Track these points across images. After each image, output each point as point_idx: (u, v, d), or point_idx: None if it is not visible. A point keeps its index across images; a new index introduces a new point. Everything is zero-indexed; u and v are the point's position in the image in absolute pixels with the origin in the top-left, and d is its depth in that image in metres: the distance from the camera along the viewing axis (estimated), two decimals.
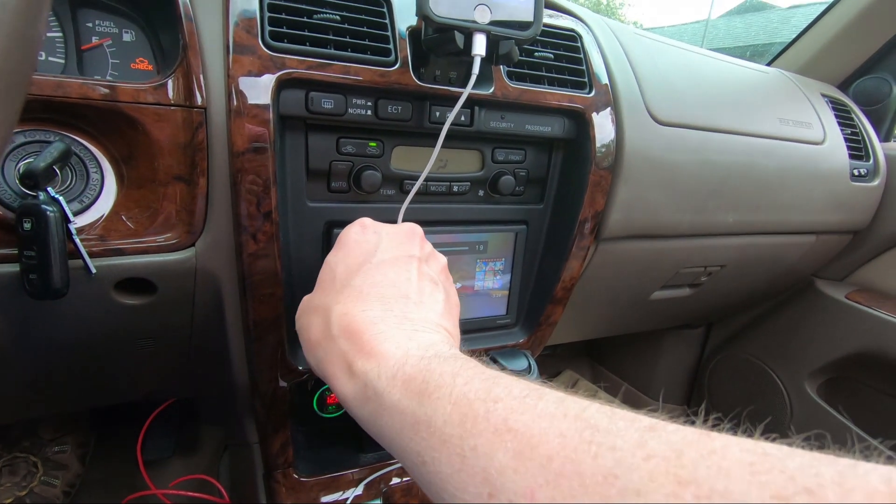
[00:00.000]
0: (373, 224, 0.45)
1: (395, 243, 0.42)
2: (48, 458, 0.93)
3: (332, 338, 0.36)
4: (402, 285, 0.39)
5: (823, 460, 0.18)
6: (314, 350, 0.38)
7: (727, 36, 14.55)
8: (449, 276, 0.46)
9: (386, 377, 0.31)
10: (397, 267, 0.40)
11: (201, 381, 0.74)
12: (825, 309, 1.18)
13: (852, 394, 1.16)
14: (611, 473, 0.21)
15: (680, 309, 1.16)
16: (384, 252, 0.41)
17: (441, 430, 0.27)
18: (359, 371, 0.33)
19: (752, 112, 0.87)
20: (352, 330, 0.35)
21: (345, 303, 0.38)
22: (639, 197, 0.73)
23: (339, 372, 0.35)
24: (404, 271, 0.40)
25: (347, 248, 0.42)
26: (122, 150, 0.48)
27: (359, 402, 0.33)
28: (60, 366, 0.57)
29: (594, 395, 1.61)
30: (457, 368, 0.30)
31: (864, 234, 1.13)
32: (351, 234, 0.44)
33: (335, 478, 0.70)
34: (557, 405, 0.26)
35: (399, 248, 0.42)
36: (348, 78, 0.51)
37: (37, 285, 0.41)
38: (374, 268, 0.40)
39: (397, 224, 0.46)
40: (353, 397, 0.34)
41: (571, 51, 0.66)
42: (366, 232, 0.44)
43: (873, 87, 1.19)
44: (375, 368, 0.32)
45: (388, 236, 0.43)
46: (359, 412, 0.33)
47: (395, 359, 0.32)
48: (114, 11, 0.50)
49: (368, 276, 0.39)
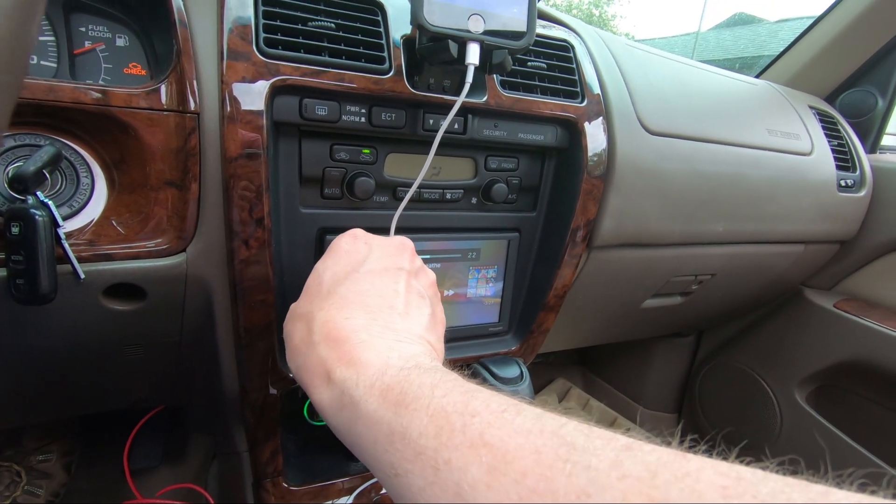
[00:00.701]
0: (364, 235, 0.44)
1: (385, 255, 0.42)
2: (32, 467, 0.91)
3: (313, 344, 0.36)
4: (389, 296, 0.39)
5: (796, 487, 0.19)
6: (295, 356, 0.38)
7: (717, 48, 14.78)
8: (437, 293, 0.46)
9: (364, 386, 0.31)
10: (385, 278, 0.40)
11: (190, 388, 0.73)
12: (814, 318, 1.19)
13: (841, 402, 1.17)
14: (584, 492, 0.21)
15: (671, 317, 1.17)
16: (373, 262, 0.41)
17: (416, 441, 0.27)
18: (337, 378, 0.33)
19: (741, 123, 0.88)
20: (333, 337, 0.35)
21: (328, 309, 0.37)
22: (630, 205, 0.74)
23: (318, 379, 0.34)
24: (392, 282, 0.40)
25: (336, 256, 0.42)
26: (113, 154, 0.48)
27: (334, 410, 0.33)
28: (47, 373, 0.56)
29: (586, 402, 1.61)
30: (436, 380, 0.29)
31: (852, 244, 1.15)
32: (342, 242, 0.43)
33: (325, 487, 0.69)
34: (535, 421, 0.26)
35: (389, 259, 0.42)
36: (342, 85, 0.51)
37: (24, 290, 0.41)
38: (362, 276, 0.40)
39: (389, 237, 0.45)
40: (328, 404, 0.33)
41: (564, 61, 0.67)
42: (357, 242, 0.43)
43: (859, 100, 1.21)
44: (354, 376, 0.32)
45: (378, 248, 0.43)
46: (334, 420, 0.33)
47: (374, 368, 0.32)
48: (107, 16, 0.50)
49: (355, 285, 0.39)
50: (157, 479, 0.94)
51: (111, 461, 0.93)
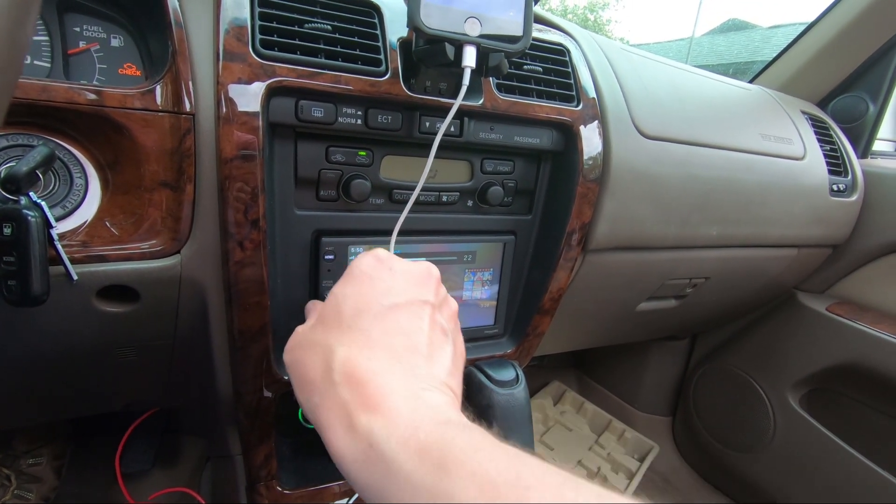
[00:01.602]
0: (388, 258, 0.41)
1: (411, 285, 0.40)
2: (22, 471, 0.90)
3: (333, 383, 0.33)
4: (414, 335, 0.37)
5: None
6: (309, 392, 0.35)
7: (711, 53, 14.90)
8: (457, 323, 0.44)
9: (397, 441, 0.29)
10: (410, 313, 0.38)
11: (184, 391, 0.72)
12: (807, 321, 1.20)
13: (834, 405, 1.18)
14: None
15: (666, 320, 1.17)
16: (398, 294, 0.38)
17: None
18: (362, 427, 0.30)
19: (734, 127, 0.89)
20: (356, 378, 0.33)
21: (350, 346, 0.35)
22: (625, 209, 0.74)
23: (338, 423, 0.32)
24: (417, 319, 0.38)
25: (358, 283, 0.39)
26: (107, 155, 0.47)
27: (359, 464, 0.30)
28: (38, 375, 0.56)
29: (581, 405, 1.61)
30: (475, 441, 0.28)
31: (844, 248, 1.16)
32: (363, 265, 0.40)
33: (320, 490, 0.69)
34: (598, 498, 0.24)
35: (414, 290, 0.39)
36: (339, 87, 0.51)
37: (16, 292, 0.40)
38: (386, 311, 0.37)
39: (414, 262, 0.42)
40: (352, 457, 0.30)
41: (560, 65, 0.67)
42: (380, 267, 0.40)
43: (851, 105, 1.23)
44: (383, 428, 0.30)
45: (403, 276, 0.40)
46: (358, 474, 0.30)
47: (404, 419, 0.30)
48: (102, 16, 0.50)
49: (379, 321, 0.37)
50: (149, 483, 0.93)
51: (102, 465, 0.92)
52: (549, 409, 1.57)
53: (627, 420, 1.56)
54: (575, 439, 1.49)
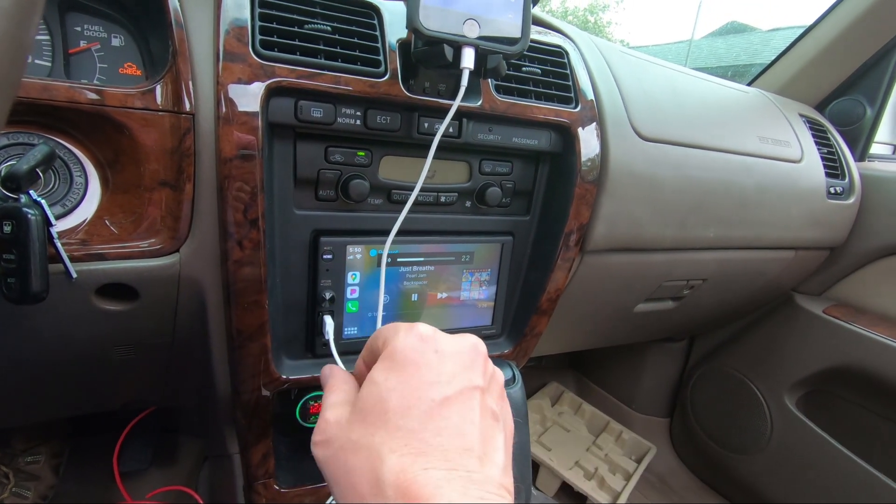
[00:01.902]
0: (433, 337, 0.36)
1: (460, 368, 0.36)
2: (20, 469, 0.90)
3: (385, 497, 0.30)
4: (467, 432, 0.33)
5: None
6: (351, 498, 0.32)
7: (710, 56, 14.92)
8: (505, 398, 0.40)
9: None
10: (461, 406, 0.34)
11: (181, 389, 0.72)
12: (804, 323, 1.20)
13: (830, 407, 1.18)
14: None
15: (663, 322, 1.18)
16: (448, 383, 0.34)
17: None
18: None
19: (733, 130, 0.89)
20: (413, 494, 0.29)
21: (401, 453, 0.31)
22: (623, 210, 0.74)
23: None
24: (469, 411, 0.34)
25: (403, 371, 0.35)
26: (107, 154, 0.48)
27: None
28: (37, 373, 0.56)
29: (578, 406, 1.61)
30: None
31: (841, 251, 1.16)
32: (408, 349, 0.35)
33: (317, 489, 0.69)
34: None
35: (463, 376, 0.35)
36: (338, 88, 0.51)
37: (15, 289, 0.40)
38: (438, 407, 0.33)
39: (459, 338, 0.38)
40: None
41: (558, 66, 0.67)
42: (426, 349, 0.36)
43: (848, 109, 1.23)
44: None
45: (451, 358, 0.36)
46: None
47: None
48: (103, 16, 0.50)
49: (430, 420, 0.33)
50: (146, 482, 0.93)
51: (100, 463, 0.92)
52: (546, 410, 1.57)
53: (625, 421, 1.57)
54: (573, 440, 1.49)
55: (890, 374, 1.02)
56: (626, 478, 1.37)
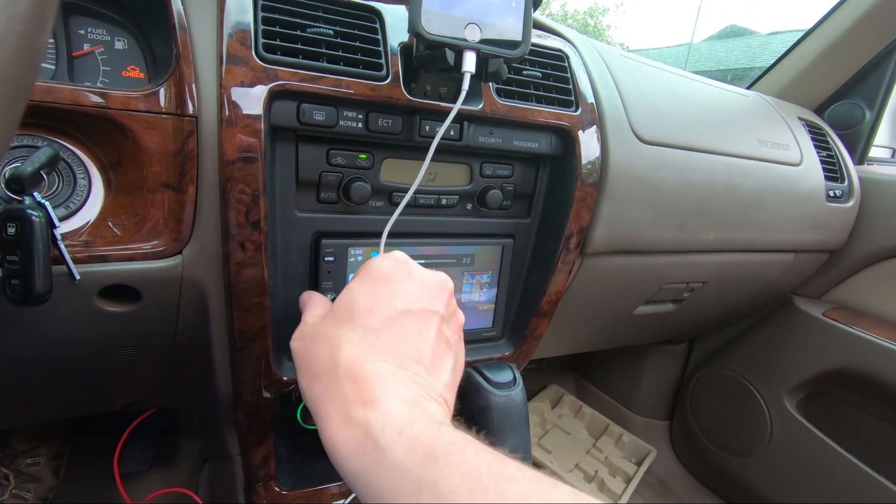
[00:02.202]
0: (406, 262, 0.42)
1: (425, 293, 0.40)
2: (20, 471, 0.90)
3: (337, 377, 0.34)
4: (420, 344, 0.38)
5: None
6: (313, 382, 0.36)
7: (709, 59, 14.95)
8: (461, 337, 0.45)
9: (391, 432, 0.30)
10: (420, 322, 0.39)
11: (183, 391, 0.72)
12: (803, 326, 1.20)
13: (830, 409, 1.19)
14: None
15: (663, 324, 1.18)
16: (411, 300, 0.39)
17: (447, 498, 0.26)
18: (359, 418, 0.32)
19: (732, 133, 0.90)
20: (359, 377, 0.34)
21: (358, 345, 0.36)
22: (623, 213, 0.74)
23: (336, 414, 0.33)
24: (425, 329, 0.39)
25: (374, 282, 0.40)
26: (110, 156, 0.48)
27: (352, 452, 0.31)
28: (39, 373, 0.56)
29: (578, 409, 1.61)
30: (465, 440, 0.29)
31: (840, 254, 1.17)
32: (382, 266, 0.41)
33: (318, 491, 0.69)
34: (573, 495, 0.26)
35: (427, 299, 0.40)
36: (340, 91, 0.51)
37: (19, 291, 0.41)
38: (398, 316, 0.38)
39: (432, 271, 0.43)
40: (345, 445, 0.31)
41: (559, 70, 0.68)
42: (398, 269, 0.41)
43: (847, 112, 1.24)
44: (379, 421, 0.31)
45: (419, 283, 0.41)
46: (350, 463, 0.31)
47: (400, 417, 0.31)
48: (106, 19, 0.51)
49: (389, 324, 0.38)
50: (147, 483, 0.93)
51: (100, 465, 0.92)
52: (546, 413, 1.57)
53: (625, 424, 1.57)
54: (573, 443, 1.49)
55: (889, 377, 1.03)
56: (626, 480, 1.37)
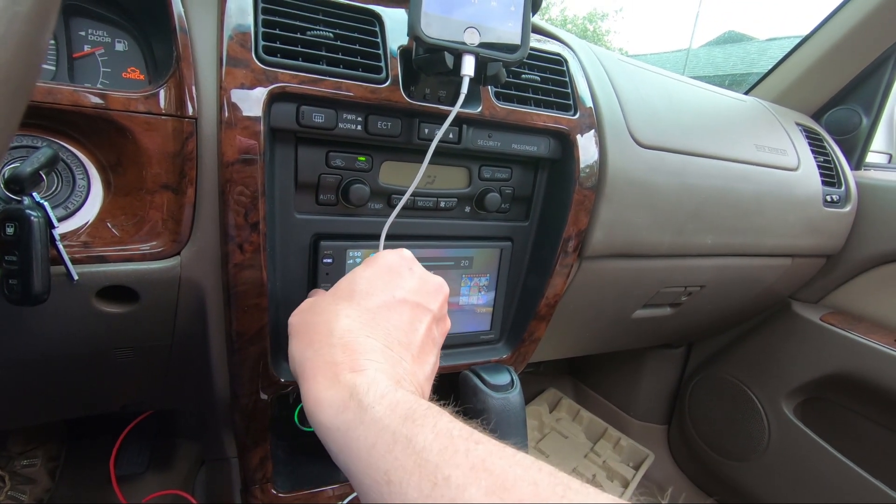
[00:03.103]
0: (411, 259, 0.45)
1: (423, 290, 0.43)
2: (16, 472, 0.89)
3: (330, 345, 0.36)
4: (410, 334, 0.40)
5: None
6: (305, 346, 0.38)
7: (707, 65, 15.01)
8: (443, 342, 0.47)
9: (374, 394, 0.32)
10: (413, 314, 0.41)
11: (180, 392, 0.72)
12: (801, 330, 1.20)
13: (828, 414, 1.19)
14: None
15: (661, 328, 1.18)
16: (409, 292, 0.42)
17: (418, 453, 0.28)
18: (346, 381, 0.33)
19: (730, 138, 0.90)
20: (351, 348, 0.36)
21: (354, 319, 0.38)
22: (621, 217, 0.75)
23: (322, 376, 0.35)
24: (417, 321, 0.41)
25: (377, 268, 0.43)
26: (110, 157, 0.48)
27: (335, 409, 0.33)
28: (37, 374, 0.56)
29: (576, 413, 1.61)
30: (441, 411, 0.31)
31: (837, 259, 1.17)
32: (388, 258, 0.44)
33: (315, 494, 0.69)
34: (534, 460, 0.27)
35: (424, 296, 0.43)
36: (339, 93, 0.52)
37: (17, 291, 0.41)
38: (394, 303, 0.41)
39: (431, 274, 0.46)
40: (329, 402, 0.33)
41: (557, 74, 0.68)
42: (402, 263, 0.44)
43: (845, 118, 1.24)
44: (365, 384, 0.33)
45: (419, 280, 0.44)
46: (331, 419, 0.33)
47: (385, 384, 0.33)
48: (107, 21, 0.51)
49: (385, 309, 0.40)
50: (143, 486, 0.93)
51: (97, 467, 0.91)
52: (544, 416, 1.57)
53: (623, 428, 1.56)
54: (570, 447, 1.49)
55: (887, 382, 1.03)
56: (623, 485, 1.37)
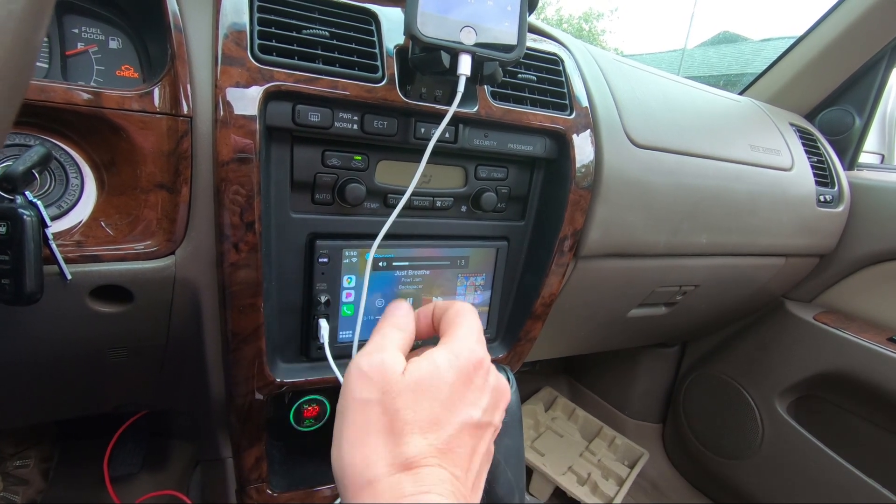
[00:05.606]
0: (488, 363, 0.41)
1: (491, 406, 0.40)
2: (9, 473, 0.89)
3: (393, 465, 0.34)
4: (474, 461, 0.38)
5: None
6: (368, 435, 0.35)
7: (702, 65, 15.08)
8: None
9: None
10: (480, 437, 0.39)
11: (174, 392, 0.72)
12: (794, 329, 1.21)
13: (821, 412, 1.20)
14: None
15: (656, 327, 1.18)
16: (485, 413, 0.39)
17: None
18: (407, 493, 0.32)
19: (724, 138, 0.90)
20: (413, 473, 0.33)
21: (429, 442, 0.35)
22: (616, 216, 0.75)
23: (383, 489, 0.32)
24: (483, 444, 0.39)
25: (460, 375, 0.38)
26: (104, 156, 0.48)
27: None
28: (30, 374, 0.56)
29: (572, 412, 1.62)
30: None
31: (830, 258, 1.18)
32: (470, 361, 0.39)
33: (310, 493, 0.69)
34: None
35: (493, 413, 0.40)
36: (335, 92, 0.51)
37: (9, 290, 0.40)
38: (471, 427, 0.37)
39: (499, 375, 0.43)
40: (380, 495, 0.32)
41: (553, 74, 0.68)
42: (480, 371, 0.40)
43: (838, 118, 1.25)
44: None
45: (493, 393, 0.40)
46: None
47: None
48: (101, 18, 0.51)
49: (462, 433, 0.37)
50: (137, 486, 0.92)
51: (90, 467, 0.91)
52: (540, 415, 1.57)
53: (618, 426, 1.57)
54: (566, 445, 1.49)
55: (879, 380, 1.04)
56: (618, 483, 1.37)
